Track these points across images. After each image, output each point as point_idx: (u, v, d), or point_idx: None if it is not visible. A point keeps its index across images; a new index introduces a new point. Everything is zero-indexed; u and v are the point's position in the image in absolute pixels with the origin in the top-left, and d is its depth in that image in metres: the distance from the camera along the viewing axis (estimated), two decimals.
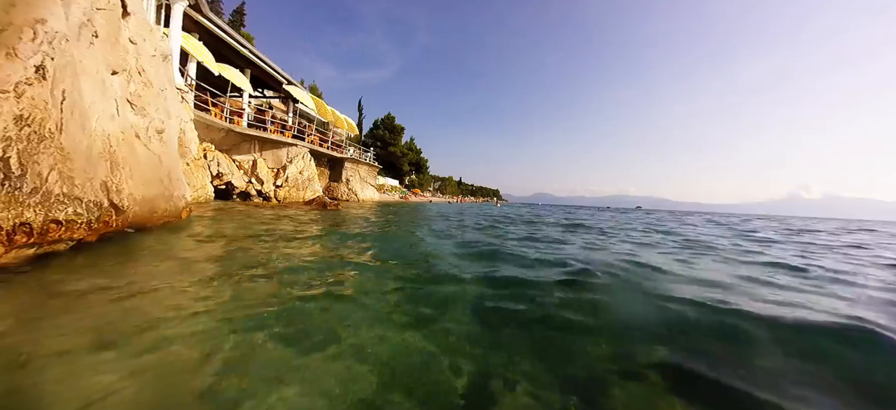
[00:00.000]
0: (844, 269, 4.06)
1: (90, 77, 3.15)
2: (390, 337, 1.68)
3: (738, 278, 3.25)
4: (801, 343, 1.76)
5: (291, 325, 1.74)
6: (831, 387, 1.41)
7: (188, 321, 1.69)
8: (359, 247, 4.06)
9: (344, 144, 21.82)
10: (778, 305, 2.35)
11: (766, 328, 1.90)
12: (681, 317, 2.06)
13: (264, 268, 2.79)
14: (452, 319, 1.96)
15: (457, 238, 5.33)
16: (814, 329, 1.92)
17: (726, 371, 1.48)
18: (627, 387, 1.37)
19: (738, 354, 1.67)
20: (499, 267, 3.31)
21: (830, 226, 18.81)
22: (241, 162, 11.60)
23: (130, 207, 3.37)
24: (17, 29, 2.34)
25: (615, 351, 1.64)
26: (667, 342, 1.73)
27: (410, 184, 51.20)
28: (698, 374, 1.46)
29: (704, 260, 4.27)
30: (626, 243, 5.87)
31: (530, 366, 1.47)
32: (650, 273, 3.29)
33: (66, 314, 1.70)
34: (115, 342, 1.44)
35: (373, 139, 43.46)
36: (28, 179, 2.28)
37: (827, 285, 3.19)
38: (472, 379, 1.36)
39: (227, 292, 2.16)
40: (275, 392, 1.19)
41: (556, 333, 1.83)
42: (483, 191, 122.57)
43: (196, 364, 1.34)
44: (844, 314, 2.19)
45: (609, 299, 2.41)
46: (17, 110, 2.25)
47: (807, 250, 5.95)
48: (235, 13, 40.40)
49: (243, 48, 13.38)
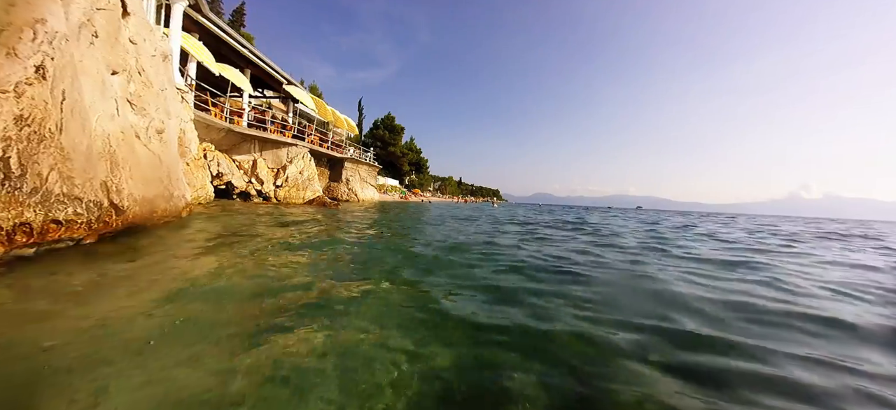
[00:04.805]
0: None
1: (90, 77, 3.15)
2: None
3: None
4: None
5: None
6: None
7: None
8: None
9: (344, 144, 21.81)
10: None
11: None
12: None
13: (259, 268, 2.80)
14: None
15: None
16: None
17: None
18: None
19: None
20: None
21: (854, 229, 17.04)
22: (241, 162, 11.59)
23: (130, 207, 3.37)
24: (17, 29, 2.34)
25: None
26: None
27: (410, 183, 51.17)
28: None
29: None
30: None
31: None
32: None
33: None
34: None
35: (373, 139, 43.44)
36: (28, 179, 2.28)
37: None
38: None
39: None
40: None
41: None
42: (483, 191, 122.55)
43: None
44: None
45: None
46: (17, 110, 2.25)
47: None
48: (235, 13, 40.37)
49: (243, 48, 13.37)
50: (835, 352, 1.84)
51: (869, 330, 2.19)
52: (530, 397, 1.29)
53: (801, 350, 1.83)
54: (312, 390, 1.24)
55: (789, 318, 2.32)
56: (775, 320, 2.28)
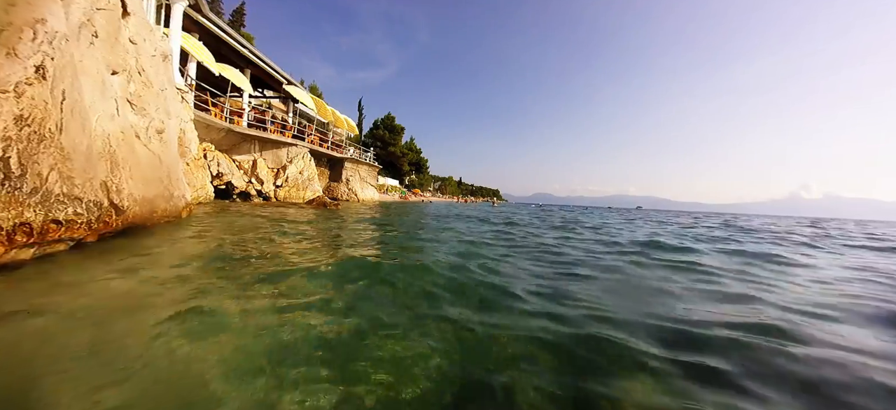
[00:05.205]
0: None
1: (90, 77, 3.15)
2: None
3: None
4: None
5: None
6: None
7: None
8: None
9: (344, 144, 21.81)
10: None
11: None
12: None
13: (259, 268, 2.79)
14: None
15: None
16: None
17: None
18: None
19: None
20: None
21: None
22: (241, 162, 11.59)
23: (130, 207, 3.37)
24: (17, 29, 2.34)
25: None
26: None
27: (410, 183, 51.18)
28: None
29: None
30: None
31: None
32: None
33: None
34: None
35: (373, 139, 43.43)
36: (28, 179, 2.28)
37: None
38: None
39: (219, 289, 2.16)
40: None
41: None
42: (483, 191, 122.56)
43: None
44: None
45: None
46: (17, 110, 2.25)
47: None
48: (235, 13, 40.37)
49: (243, 48, 13.37)
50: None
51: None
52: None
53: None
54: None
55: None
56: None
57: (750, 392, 1.43)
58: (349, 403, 1.21)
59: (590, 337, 1.86)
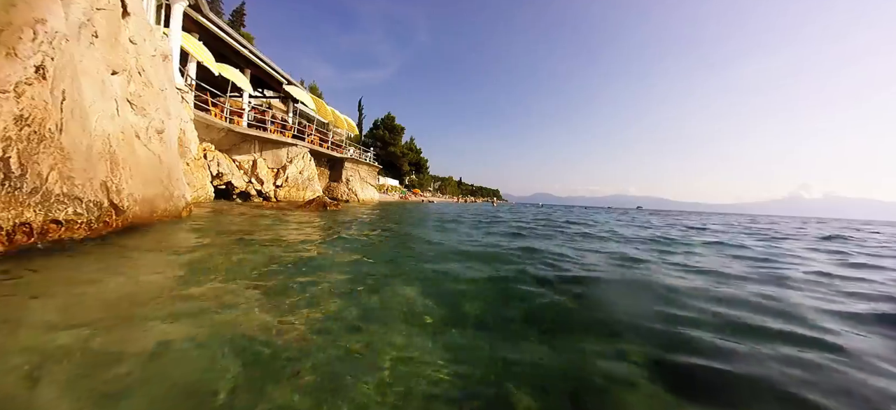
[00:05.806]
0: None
1: (90, 77, 3.15)
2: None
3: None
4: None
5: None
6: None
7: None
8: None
9: (344, 144, 21.82)
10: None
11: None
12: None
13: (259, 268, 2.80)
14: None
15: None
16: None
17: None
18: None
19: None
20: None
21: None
22: (241, 162, 11.60)
23: (130, 207, 3.37)
24: (17, 29, 2.34)
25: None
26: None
27: (410, 183, 51.19)
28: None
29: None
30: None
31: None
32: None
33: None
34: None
35: (373, 139, 43.45)
36: (28, 179, 2.28)
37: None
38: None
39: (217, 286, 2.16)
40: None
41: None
42: (483, 191, 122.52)
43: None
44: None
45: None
46: (17, 110, 2.26)
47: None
48: (235, 13, 40.37)
49: (243, 48, 13.38)
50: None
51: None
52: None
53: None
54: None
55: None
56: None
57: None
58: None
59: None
